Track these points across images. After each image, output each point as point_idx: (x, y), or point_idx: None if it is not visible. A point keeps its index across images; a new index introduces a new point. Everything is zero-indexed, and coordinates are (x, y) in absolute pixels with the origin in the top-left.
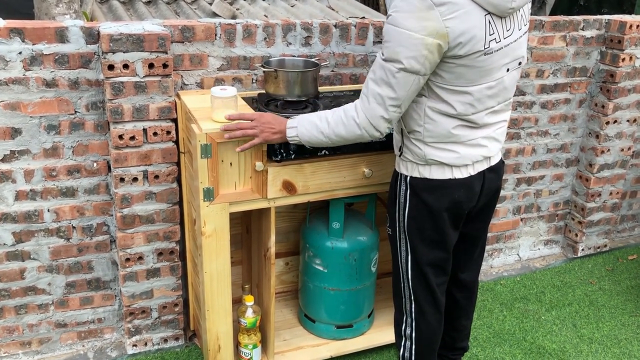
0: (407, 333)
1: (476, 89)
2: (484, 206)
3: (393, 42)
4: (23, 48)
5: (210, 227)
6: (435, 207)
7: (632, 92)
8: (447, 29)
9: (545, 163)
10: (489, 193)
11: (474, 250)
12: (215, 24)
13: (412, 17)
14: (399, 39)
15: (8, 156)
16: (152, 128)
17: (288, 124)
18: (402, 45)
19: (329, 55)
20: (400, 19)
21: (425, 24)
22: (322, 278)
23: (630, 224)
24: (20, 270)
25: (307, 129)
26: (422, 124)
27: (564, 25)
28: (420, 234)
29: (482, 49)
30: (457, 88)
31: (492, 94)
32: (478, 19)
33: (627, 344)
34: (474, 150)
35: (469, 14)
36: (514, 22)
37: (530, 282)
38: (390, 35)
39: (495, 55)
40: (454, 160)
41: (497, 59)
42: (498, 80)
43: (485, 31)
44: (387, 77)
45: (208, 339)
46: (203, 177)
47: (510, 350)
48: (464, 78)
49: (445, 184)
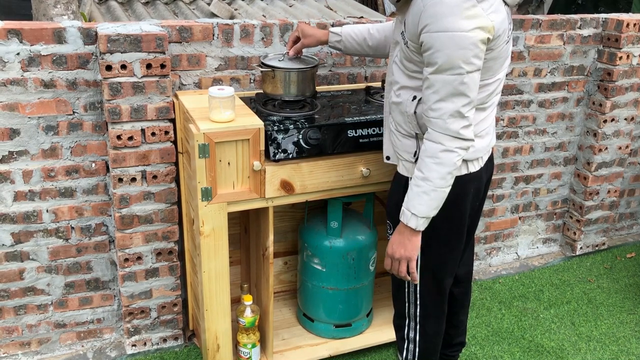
0: (411, 336)
1: (494, 80)
2: (483, 196)
3: (449, 49)
4: (21, 49)
5: (209, 226)
6: (452, 206)
7: (630, 90)
8: (493, 22)
9: (543, 162)
10: (488, 183)
11: (469, 242)
12: (213, 24)
13: (460, 18)
14: (454, 42)
15: (6, 157)
16: (150, 128)
17: (405, 221)
18: (461, 48)
19: (327, 55)
20: (448, 24)
21: (475, 21)
22: (320, 277)
23: (628, 222)
24: (19, 270)
25: (419, 204)
26: None
27: (561, 24)
28: (434, 236)
29: (507, 38)
30: (482, 82)
31: (499, 79)
32: (503, 11)
33: (625, 342)
34: (485, 140)
35: (499, 6)
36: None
37: (528, 281)
38: (441, 43)
39: (509, 44)
40: (472, 154)
41: (507, 48)
42: (503, 69)
43: (508, 21)
44: (455, 89)
45: (207, 339)
46: (201, 177)
47: (509, 349)
48: (490, 70)
49: (461, 180)
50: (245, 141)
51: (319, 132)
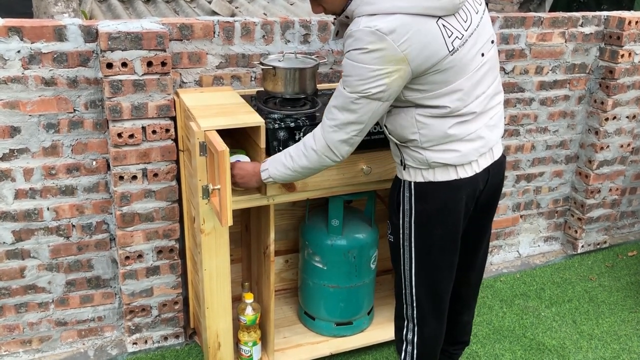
0: (409, 338)
1: (458, 84)
2: (489, 202)
3: (353, 77)
4: (22, 47)
5: (210, 224)
6: (443, 211)
7: (632, 88)
8: (404, 53)
9: (544, 160)
10: (493, 188)
11: (480, 247)
12: (214, 22)
13: (367, 51)
14: (358, 73)
15: (7, 155)
16: (151, 126)
17: (261, 167)
18: (362, 79)
19: (328, 53)
20: (356, 55)
21: (382, 55)
22: (321, 275)
23: (630, 220)
24: (20, 268)
25: (277, 168)
26: (416, 131)
27: (563, 21)
28: (428, 240)
29: (447, 52)
30: (439, 92)
31: (477, 81)
32: (431, 29)
33: (627, 340)
34: (475, 144)
35: (421, 30)
36: (468, 10)
37: (530, 279)
38: (349, 70)
39: (463, 49)
40: (457, 159)
41: (467, 51)
42: (477, 67)
43: (443, 36)
44: (348, 105)
45: (208, 337)
46: (202, 175)
47: (510, 347)
48: (442, 82)
49: (451, 185)
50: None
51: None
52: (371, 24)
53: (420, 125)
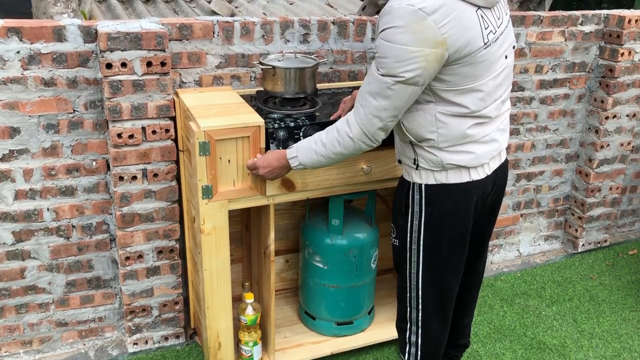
0: (413, 340)
1: (483, 83)
2: (494, 203)
3: (389, 58)
4: (21, 47)
5: (210, 224)
6: (454, 214)
7: (632, 86)
8: (444, 36)
9: (544, 159)
10: (498, 190)
11: (483, 249)
12: (213, 22)
13: (406, 31)
14: (395, 54)
15: (7, 155)
16: (151, 126)
17: (288, 155)
18: (399, 60)
19: (327, 52)
20: (393, 35)
21: (421, 36)
22: (322, 275)
23: (630, 219)
24: (20, 269)
25: (307, 155)
26: (434, 130)
27: (563, 20)
28: (437, 242)
29: (482, 44)
30: (465, 87)
31: (498, 84)
32: (471, 17)
33: (628, 339)
34: (489, 146)
35: (462, 15)
36: (500, 9)
37: (530, 278)
38: (384, 51)
39: (493, 46)
40: (471, 161)
41: (496, 49)
42: (500, 69)
43: (481, 26)
44: (383, 91)
45: (208, 337)
46: (202, 175)
47: (511, 346)
48: (471, 76)
49: (463, 188)
50: (246, 138)
51: (320, 130)
52: (414, 2)
53: (439, 124)
